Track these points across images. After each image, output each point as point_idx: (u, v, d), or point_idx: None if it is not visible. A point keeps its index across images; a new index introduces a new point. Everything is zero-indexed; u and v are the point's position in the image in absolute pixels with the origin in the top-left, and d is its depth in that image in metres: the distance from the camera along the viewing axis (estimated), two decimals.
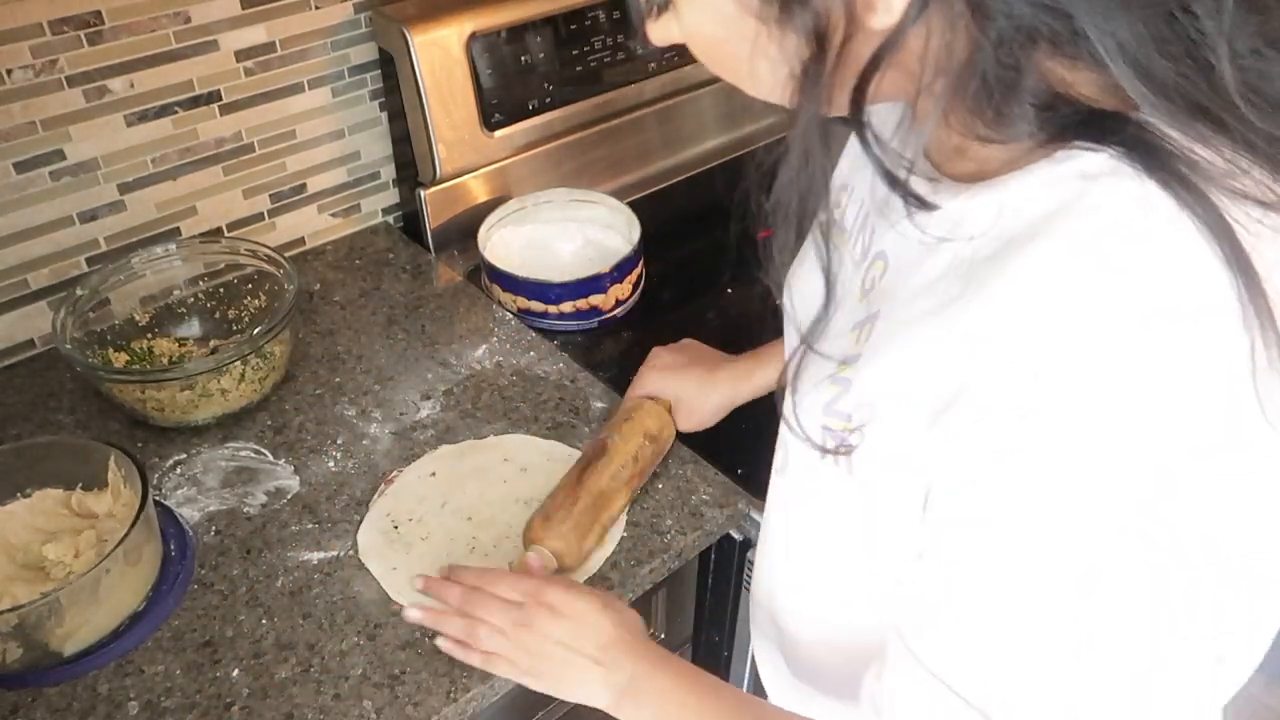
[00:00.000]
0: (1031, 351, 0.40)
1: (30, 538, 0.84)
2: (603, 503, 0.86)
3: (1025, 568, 0.43)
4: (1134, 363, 0.39)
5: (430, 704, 0.75)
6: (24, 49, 0.97)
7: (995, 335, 0.42)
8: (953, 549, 0.46)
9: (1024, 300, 0.41)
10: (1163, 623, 0.42)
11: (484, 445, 0.97)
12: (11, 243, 1.04)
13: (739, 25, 0.46)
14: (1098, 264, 0.40)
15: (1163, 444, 0.39)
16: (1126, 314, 0.39)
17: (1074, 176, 0.42)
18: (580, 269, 1.15)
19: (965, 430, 0.43)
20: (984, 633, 0.45)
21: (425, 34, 1.13)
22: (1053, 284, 0.40)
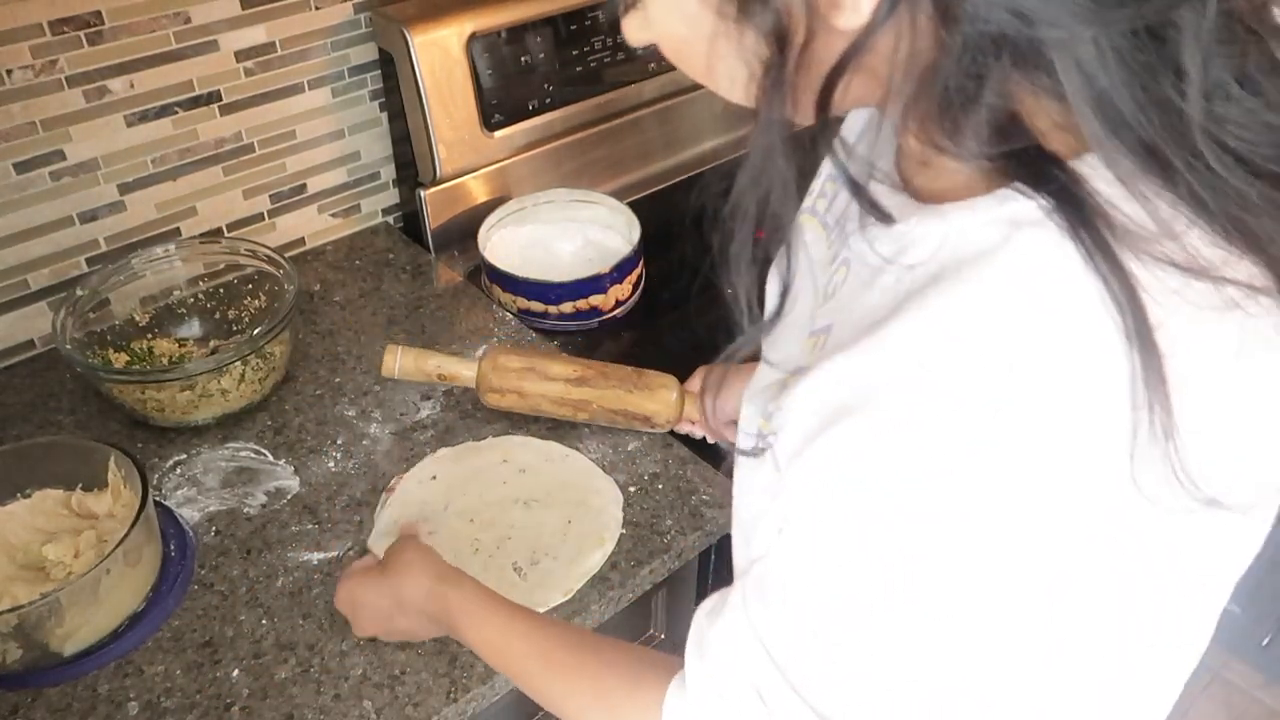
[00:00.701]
0: (907, 379, 0.41)
1: (30, 538, 0.84)
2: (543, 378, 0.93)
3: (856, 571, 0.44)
4: (1009, 414, 0.39)
5: (430, 704, 0.75)
6: (24, 49, 0.97)
7: (886, 359, 0.42)
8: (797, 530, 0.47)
9: (922, 334, 0.41)
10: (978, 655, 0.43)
11: (482, 447, 0.97)
12: (11, 243, 1.04)
13: (699, 22, 0.45)
14: (997, 318, 0.40)
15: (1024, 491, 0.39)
16: (1011, 364, 0.39)
17: (1004, 221, 0.41)
18: (580, 269, 1.15)
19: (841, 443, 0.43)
20: (809, 613, 0.46)
21: (425, 34, 1.13)
22: (951, 326, 0.40)
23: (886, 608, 0.43)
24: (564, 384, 0.93)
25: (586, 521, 0.89)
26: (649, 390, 0.93)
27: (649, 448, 0.97)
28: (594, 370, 0.94)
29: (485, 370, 0.94)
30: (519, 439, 0.98)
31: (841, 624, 0.45)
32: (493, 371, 0.93)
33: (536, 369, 0.94)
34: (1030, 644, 0.43)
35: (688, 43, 0.47)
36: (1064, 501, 0.39)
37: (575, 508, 0.90)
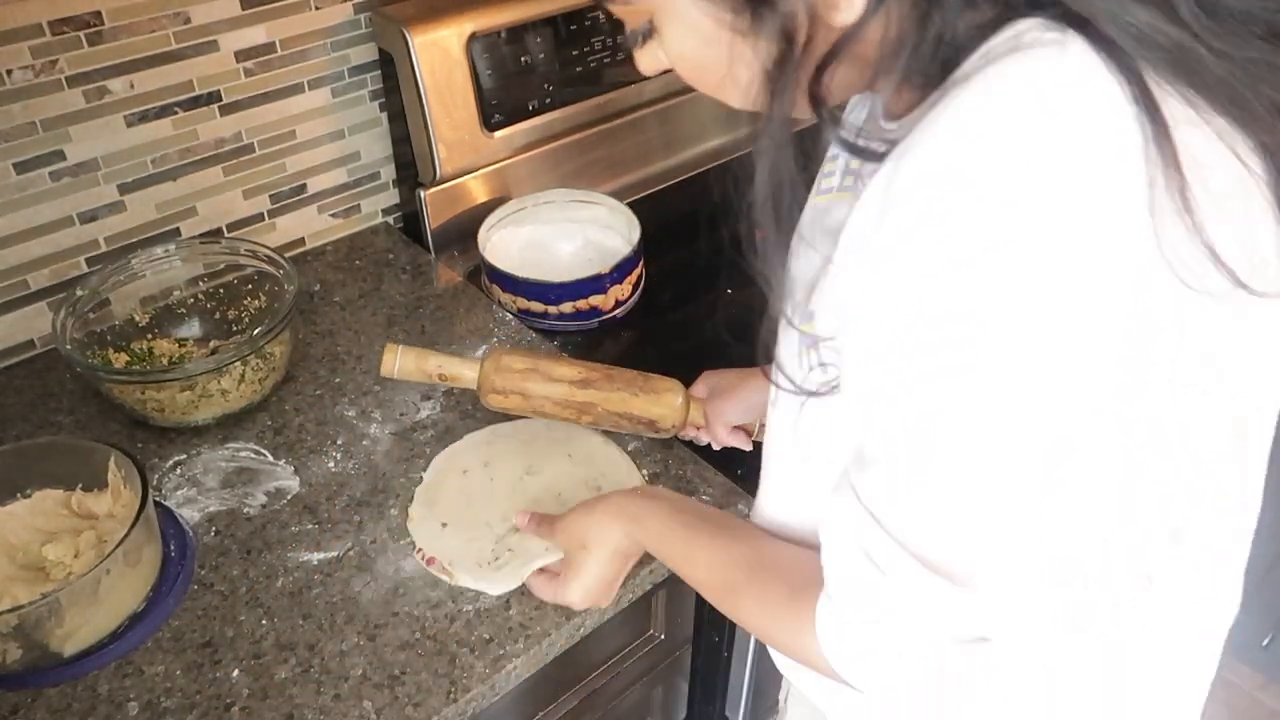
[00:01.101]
0: (928, 173, 0.42)
1: (30, 538, 0.84)
2: (548, 379, 0.92)
3: (923, 394, 0.45)
4: (1029, 182, 0.40)
5: (430, 704, 0.75)
6: (24, 49, 0.97)
7: (916, 162, 0.43)
8: (859, 381, 0.49)
9: (932, 133, 0.42)
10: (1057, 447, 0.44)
11: (479, 439, 0.98)
12: (11, 243, 1.04)
13: (716, 40, 0.49)
14: (999, 94, 0.41)
15: (1055, 261, 0.40)
16: (1023, 137, 0.40)
17: (1000, 41, 0.43)
18: (580, 269, 1.15)
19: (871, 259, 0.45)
20: (895, 460, 0.48)
21: (425, 34, 1.13)
22: (955, 119, 0.42)
23: (957, 423, 0.44)
24: (568, 386, 0.91)
25: None
26: (655, 394, 0.92)
27: (649, 448, 0.97)
28: (598, 373, 0.93)
29: (488, 371, 0.91)
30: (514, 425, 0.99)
31: (918, 454, 0.46)
32: (495, 372, 0.91)
33: (540, 370, 0.92)
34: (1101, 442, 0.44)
35: (704, 59, 0.51)
36: (1099, 271, 0.40)
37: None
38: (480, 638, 0.80)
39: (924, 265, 0.42)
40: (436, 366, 0.92)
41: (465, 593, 0.83)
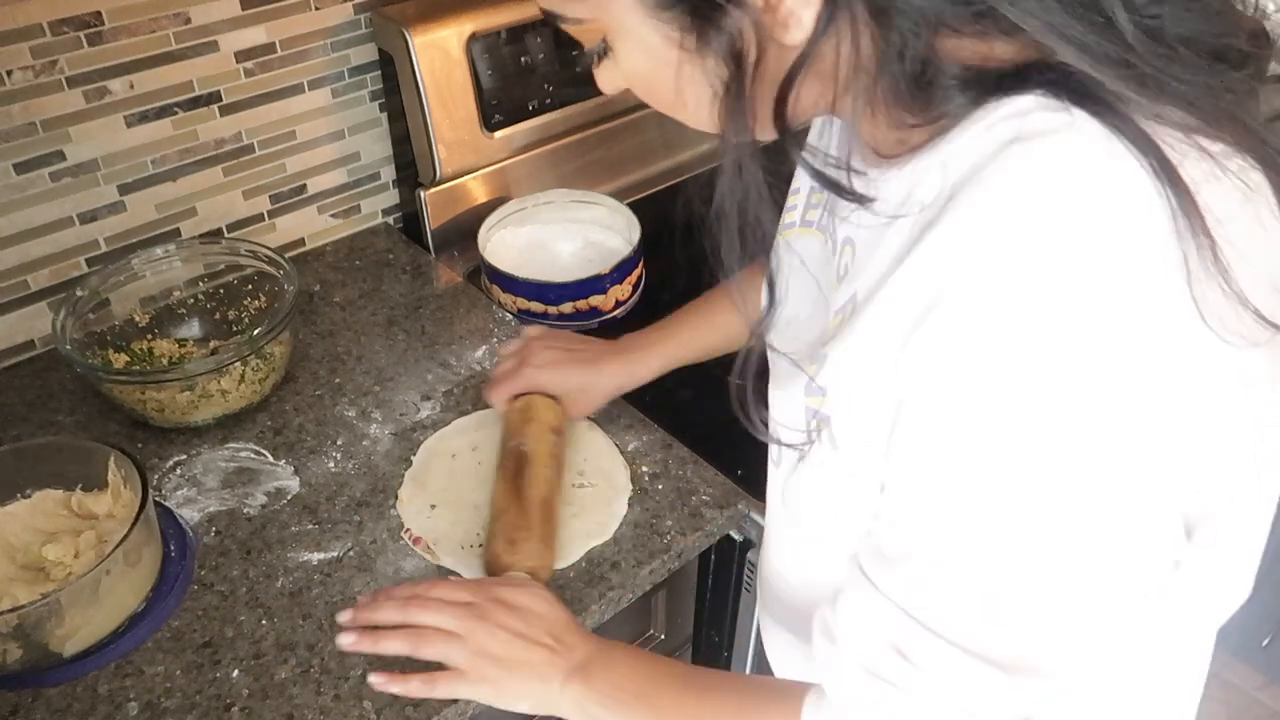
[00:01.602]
0: (976, 273, 0.42)
1: (30, 538, 0.84)
2: (549, 508, 0.85)
3: (975, 489, 0.44)
4: (1076, 278, 0.40)
5: (430, 704, 0.75)
6: (24, 50, 0.97)
7: (951, 259, 0.43)
8: (904, 477, 0.48)
9: (970, 229, 0.43)
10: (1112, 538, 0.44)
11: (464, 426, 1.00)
12: (12, 243, 1.04)
13: (665, 57, 0.49)
14: (1035, 186, 0.42)
15: (1107, 353, 0.40)
16: (1066, 232, 0.41)
17: (1004, 119, 0.44)
18: (580, 270, 1.15)
19: (922, 359, 0.44)
20: (937, 555, 0.47)
21: (425, 35, 1.13)
22: (995, 210, 0.42)
23: (998, 513, 0.44)
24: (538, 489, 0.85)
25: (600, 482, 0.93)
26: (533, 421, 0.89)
27: (649, 448, 0.97)
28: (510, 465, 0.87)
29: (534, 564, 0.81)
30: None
31: (965, 547, 0.46)
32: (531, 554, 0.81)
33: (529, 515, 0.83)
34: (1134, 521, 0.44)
35: (655, 77, 0.51)
36: (1144, 351, 0.40)
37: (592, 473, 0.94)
38: None
39: (982, 370, 0.42)
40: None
41: None
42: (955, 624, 0.47)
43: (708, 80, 0.48)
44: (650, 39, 0.48)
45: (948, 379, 0.43)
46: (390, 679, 0.71)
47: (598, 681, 0.67)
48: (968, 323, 0.42)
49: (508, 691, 0.69)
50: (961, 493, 0.45)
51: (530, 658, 0.68)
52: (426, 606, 0.71)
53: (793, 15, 0.44)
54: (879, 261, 0.50)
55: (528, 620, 0.69)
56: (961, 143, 0.45)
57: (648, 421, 1.00)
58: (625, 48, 0.50)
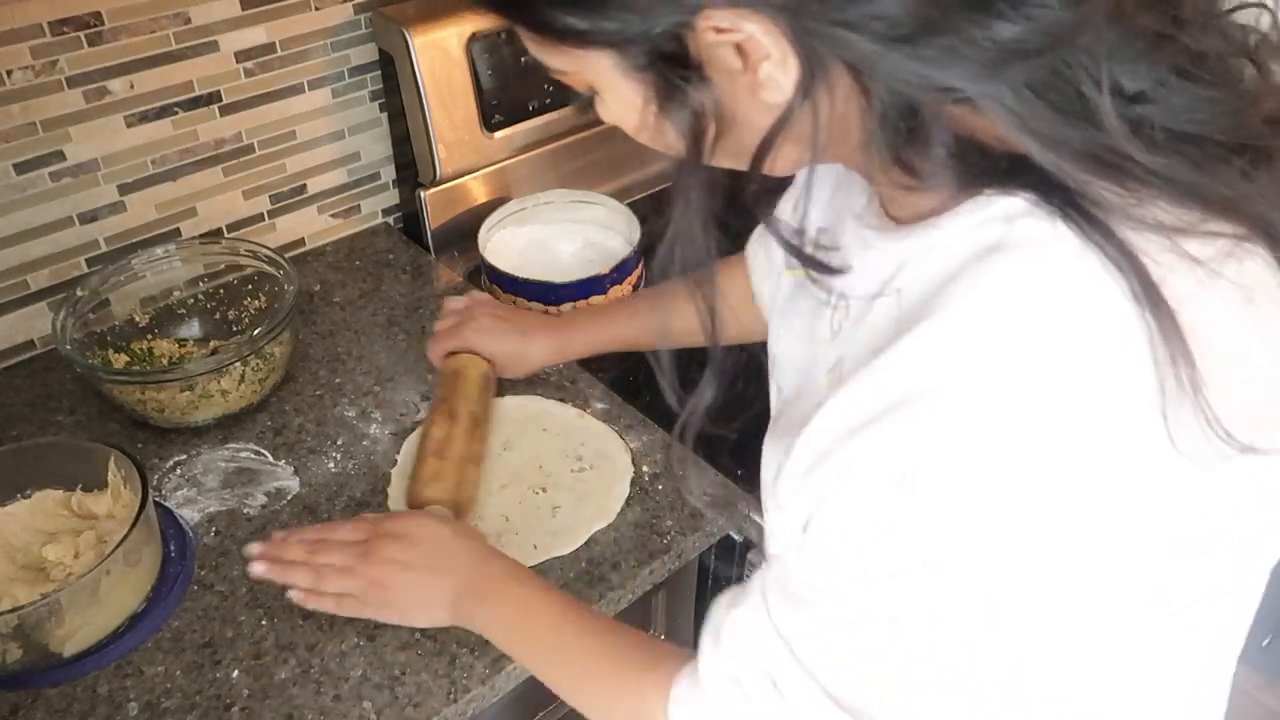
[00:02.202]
0: (940, 377, 0.42)
1: (30, 539, 0.84)
2: (469, 460, 0.90)
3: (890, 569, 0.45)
4: (1039, 396, 0.40)
5: (430, 705, 0.75)
6: (24, 50, 0.97)
7: (922, 362, 0.43)
8: (828, 532, 0.47)
9: (952, 334, 0.42)
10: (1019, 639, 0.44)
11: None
12: (12, 243, 1.04)
13: (644, 113, 0.49)
14: (1008, 301, 0.41)
15: (1064, 472, 0.40)
16: (1035, 352, 0.40)
17: (992, 220, 0.43)
18: (580, 270, 1.15)
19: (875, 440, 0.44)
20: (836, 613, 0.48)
21: (425, 35, 1.13)
22: (966, 318, 0.42)
23: (916, 598, 0.44)
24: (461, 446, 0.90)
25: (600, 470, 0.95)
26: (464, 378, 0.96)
27: (649, 448, 0.97)
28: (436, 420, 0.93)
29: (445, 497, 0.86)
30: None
31: (867, 616, 0.46)
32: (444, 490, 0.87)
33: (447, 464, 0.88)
34: (1068, 628, 0.44)
35: (639, 127, 0.52)
36: (1104, 476, 0.40)
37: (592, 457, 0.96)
38: (480, 638, 0.80)
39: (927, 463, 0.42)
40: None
41: None
42: (832, 673, 0.49)
43: (666, 146, 0.49)
44: (629, 94, 0.49)
45: (890, 464, 0.43)
46: (307, 595, 0.78)
47: (480, 614, 0.74)
48: (926, 420, 0.42)
49: (403, 614, 0.77)
50: (876, 568, 0.45)
51: (413, 582, 0.75)
52: (328, 549, 0.78)
53: (771, 79, 0.44)
54: (864, 336, 0.50)
55: (411, 546, 0.76)
56: (949, 235, 0.45)
57: (648, 422, 1.00)
58: (608, 98, 0.51)
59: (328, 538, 0.79)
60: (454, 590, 0.74)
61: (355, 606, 0.77)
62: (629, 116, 0.51)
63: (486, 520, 0.89)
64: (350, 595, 0.76)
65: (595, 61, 0.48)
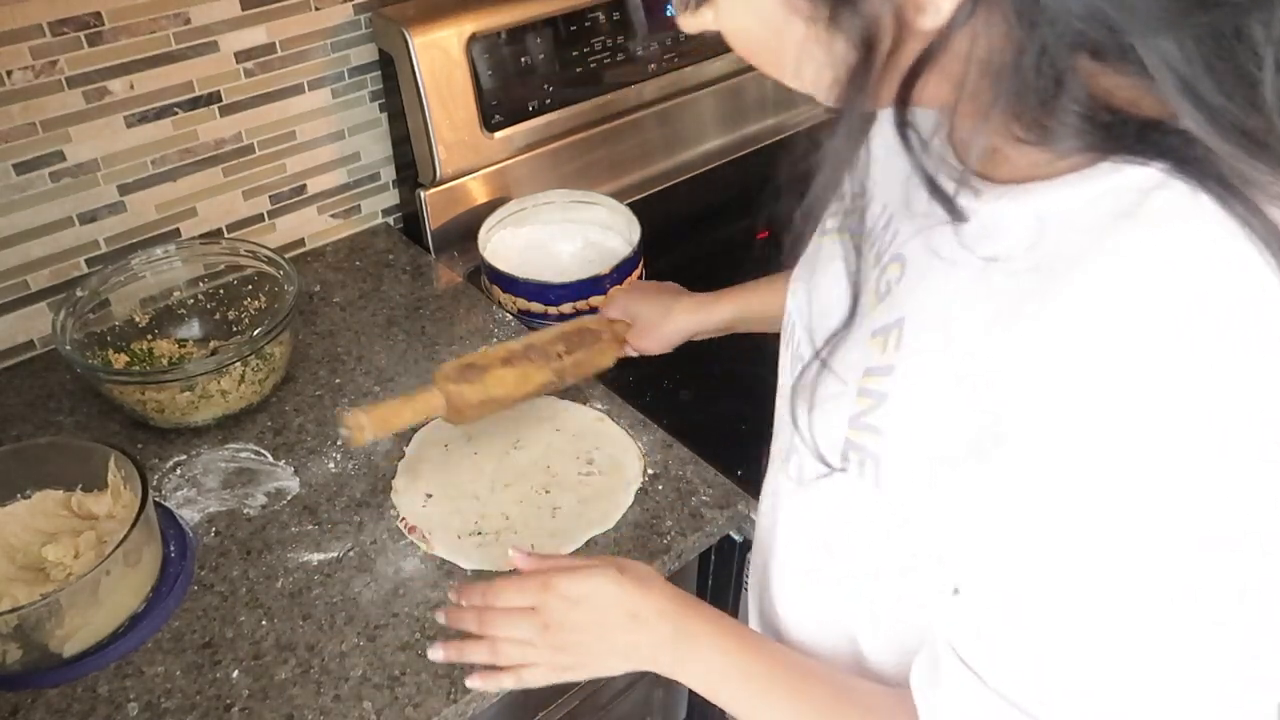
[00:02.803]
0: (1100, 372, 0.40)
1: (30, 539, 0.84)
2: (495, 395, 0.92)
3: (1094, 587, 0.42)
4: (1204, 383, 0.39)
5: (430, 705, 0.75)
6: (24, 50, 0.97)
7: (1059, 354, 0.41)
8: (1016, 566, 0.45)
9: (1088, 319, 0.41)
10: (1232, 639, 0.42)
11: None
12: (12, 244, 1.04)
13: (784, 26, 0.45)
14: (1161, 280, 0.40)
15: (1232, 462, 0.39)
16: (1193, 332, 0.39)
17: (1124, 190, 0.41)
18: (580, 270, 1.15)
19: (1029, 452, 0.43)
20: (1049, 647, 0.45)
21: (425, 35, 1.13)
22: (1117, 302, 0.40)
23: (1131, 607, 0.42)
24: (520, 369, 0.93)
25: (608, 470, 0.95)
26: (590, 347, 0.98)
27: (649, 448, 0.97)
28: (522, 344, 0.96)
29: (452, 392, 0.89)
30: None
31: (1086, 636, 0.44)
32: (459, 391, 0.89)
33: (485, 366, 0.92)
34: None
35: (765, 42, 0.48)
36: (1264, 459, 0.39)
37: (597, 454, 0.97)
38: None
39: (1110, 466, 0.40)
40: (406, 421, 0.89)
41: None
42: (1071, 710, 0.45)
43: (830, 60, 0.45)
44: (767, 4, 0.45)
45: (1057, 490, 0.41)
46: (485, 677, 0.71)
47: (682, 671, 0.66)
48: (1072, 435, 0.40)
49: (593, 672, 0.69)
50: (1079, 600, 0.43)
51: (604, 650, 0.67)
52: (495, 620, 0.70)
53: (931, 2, 0.41)
54: (943, 297, 0.48)
55: (594, 609, 0.67)
56: (1063, 201, 0.43)
57: (648, 422, 1.00)
58: (736, 6, 0.47)
59: (492, 605, 0.71)
60: (650, 648, 0.66)
61: (543, 675, 0.69)
62: (753, 30, 0.47)
63: (487, 518, 0.89)
64: (536, 666, 0.69)
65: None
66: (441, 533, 0.88)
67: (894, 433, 0.51)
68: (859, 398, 0.53)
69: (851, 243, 0.55)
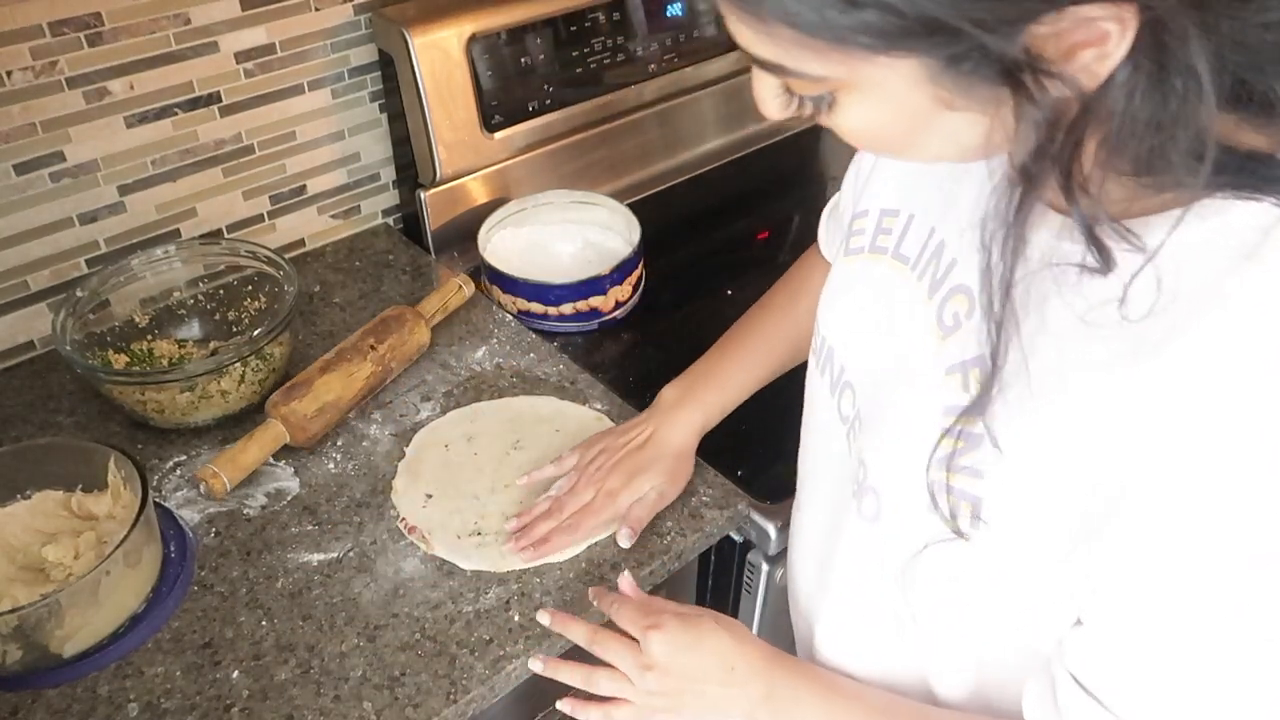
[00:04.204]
0: (1231, 418, 0.40)
1: (30, 539, 0.84)
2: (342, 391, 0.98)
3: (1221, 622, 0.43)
4: None
5: (430, 705, 0.75)
6: (24, 50, 0.97)
7: (1185, 399, 0.41)
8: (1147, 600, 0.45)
9: (1218, 362, 0.40)
10: None
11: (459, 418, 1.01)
12: (12, 244, 1.04)
13: (928, 119, 0.43)
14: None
15: None
16: None
17: (1241, 228, 0.41)
18: (580, 271, 1.15)
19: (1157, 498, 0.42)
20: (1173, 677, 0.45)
21: (425, 36, 1.13)
22: (1248, 346, 0.40)
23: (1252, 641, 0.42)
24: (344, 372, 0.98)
25: None
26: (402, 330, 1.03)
27: None
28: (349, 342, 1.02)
29: (287, 417, 0.95)
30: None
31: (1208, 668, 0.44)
32: (293, 414, 0.95)
33: (312, 379, 0.97)
34: None
35: (899, 137, 0.46)
36: None
37: None
38: (480, 639, 0.80)
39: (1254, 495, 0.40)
40: (256, 458, 0.93)
41: (465, 594, 0.83)
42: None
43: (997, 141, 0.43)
44: (915, 101, 0.42)
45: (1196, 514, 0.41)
46: (574, 705, 0.71)
47: (787, 715, 0.66)
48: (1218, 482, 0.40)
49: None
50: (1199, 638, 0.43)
51: (703, 701, 0.67)
52: (605, 643, 0.71)
53: (1086, 69, 0.39)
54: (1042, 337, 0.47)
55: (699, 657, 0.67)
56: (1175, 239, 0.42)
57: None
58: (869, 104, 0.44)
59: (602, 642, 0.71)
60: (746, 703, 0.66)
61: (628, 715, 0.69)
62: (889, 124, 0.45)
63: (487, 518, 0.89)
64: (628, 703, 0.69)
65: (889, 69, 0.41)
66: (441, 533, 0.88)
67: (1000, 478, 0.50)
68: (948, 439, 0.51)
69: (894, 266, 0.55)
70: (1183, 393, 0.42)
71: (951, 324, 0.53)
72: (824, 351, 0.66)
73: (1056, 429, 0.47)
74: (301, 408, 0.95)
